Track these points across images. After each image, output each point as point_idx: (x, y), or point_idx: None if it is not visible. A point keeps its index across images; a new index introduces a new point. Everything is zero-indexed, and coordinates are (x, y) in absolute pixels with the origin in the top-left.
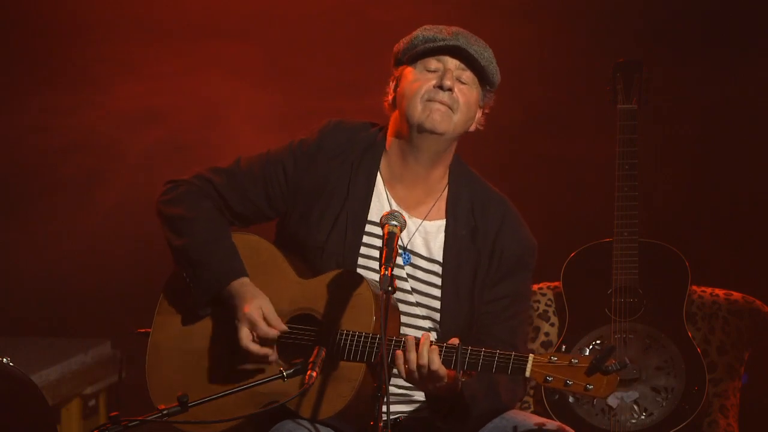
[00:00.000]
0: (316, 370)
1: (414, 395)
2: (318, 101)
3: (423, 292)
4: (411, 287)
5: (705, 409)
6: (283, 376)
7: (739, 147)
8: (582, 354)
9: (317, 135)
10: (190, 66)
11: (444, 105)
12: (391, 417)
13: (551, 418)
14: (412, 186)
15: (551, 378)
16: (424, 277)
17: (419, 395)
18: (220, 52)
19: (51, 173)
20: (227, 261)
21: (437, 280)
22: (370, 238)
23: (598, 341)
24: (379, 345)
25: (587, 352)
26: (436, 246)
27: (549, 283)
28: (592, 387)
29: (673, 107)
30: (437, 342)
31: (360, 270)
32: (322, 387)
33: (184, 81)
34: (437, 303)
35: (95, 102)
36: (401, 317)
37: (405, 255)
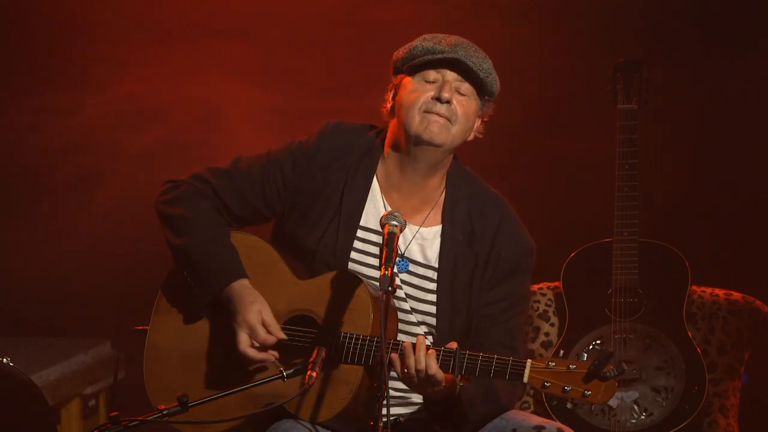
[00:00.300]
0: (316, 370)
1: (412, 397)
2: (318, 101)
3: (418, 298)
4: (405, 294)
5: (705, 409)
6: (283, 376)
7: (739, 147)
8: (580, 358)
9: (316, 137)
10: (189, 66)
11: (442, 117)
12: (391, 417)
13: (551, 418)
14: (409, 195)
15: (549, 383)
16: (419, 283)
17: (417, 397)
18: (219, 52)
19: (51, 173)
20: (227, 261)
21: (432, 285)
22: (362, 243)
23: (598, 341)
24: (377, 347)
25: (585, 355)
26: (432, 252)
27: (549, 283)
28: (590, 393)
29: (673, 107)
30: (434, 346)
31: None
32: (320, 390)
33: (183, 81)
34: (433, 308)
35: (95, 102)
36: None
37: (402, 262)
